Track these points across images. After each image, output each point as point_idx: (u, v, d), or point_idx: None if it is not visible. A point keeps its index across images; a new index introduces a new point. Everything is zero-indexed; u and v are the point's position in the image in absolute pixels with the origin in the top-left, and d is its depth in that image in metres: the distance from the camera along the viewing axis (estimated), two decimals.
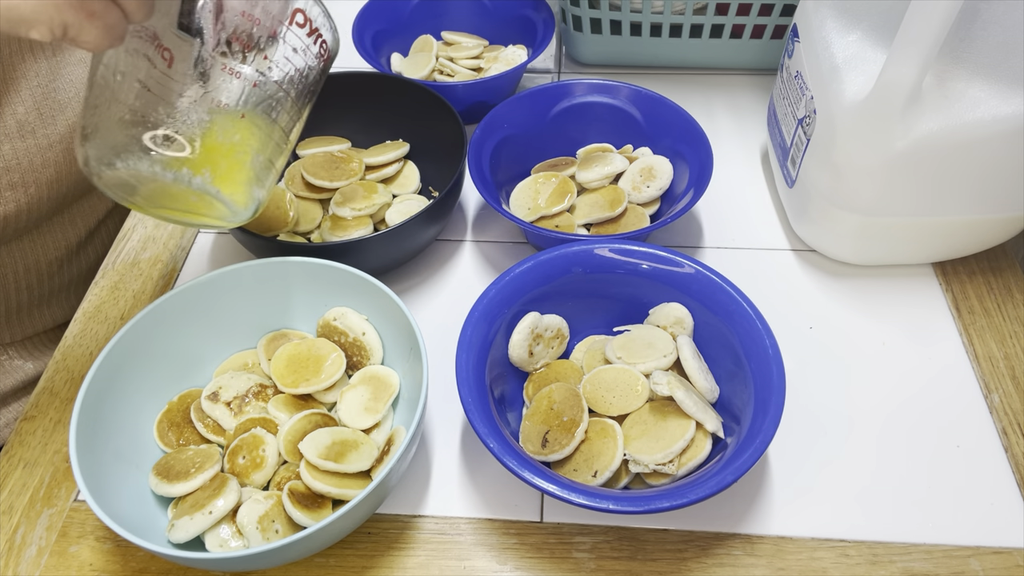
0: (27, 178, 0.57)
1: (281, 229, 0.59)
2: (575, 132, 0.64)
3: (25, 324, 0.66)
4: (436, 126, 0.61)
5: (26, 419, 0.52)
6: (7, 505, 0.48)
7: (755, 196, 0.64)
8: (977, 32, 0.46)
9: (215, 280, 0.49)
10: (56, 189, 0.60)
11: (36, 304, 0.65)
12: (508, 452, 0.41)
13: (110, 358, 0.45)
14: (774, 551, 0.45)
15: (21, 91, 0.56)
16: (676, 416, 0.44)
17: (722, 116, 0.71)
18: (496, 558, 0.45)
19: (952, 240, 0.55)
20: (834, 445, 0.49)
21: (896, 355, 0.53)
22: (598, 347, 0.50)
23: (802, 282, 0.58)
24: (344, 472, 0.44)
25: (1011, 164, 0.48)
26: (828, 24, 0.53)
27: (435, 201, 0.54)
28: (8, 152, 0.55)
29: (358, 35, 0.69)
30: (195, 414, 0.48)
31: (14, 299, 0.63)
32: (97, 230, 0.68)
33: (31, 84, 0.56)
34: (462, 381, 0.44)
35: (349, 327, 0.51)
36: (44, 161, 0.58)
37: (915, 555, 0.44)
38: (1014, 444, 0.49)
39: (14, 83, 0.55)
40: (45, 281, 0.65)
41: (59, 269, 0.66)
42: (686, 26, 0.70)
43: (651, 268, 0.50)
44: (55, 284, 0.66)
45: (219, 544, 0.42)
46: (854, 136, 0.49)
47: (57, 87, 0.58)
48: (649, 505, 0.38)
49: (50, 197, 0.60)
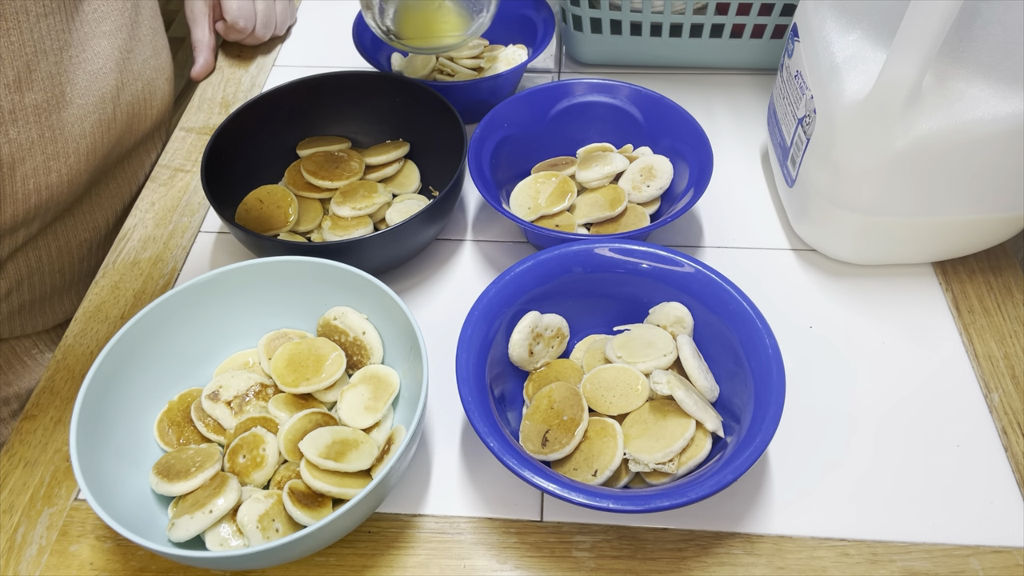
0: (68, 148, 0.59)
1: (281, 229, 0.59)
2: (575, 132, 0.64)
3: (56, 310, 0.68)
4: (436, 126, 0.61)
5: (26, 418, 0.52)
6: (7, 504, 0.48)
7: (755, 196, 0.64)
8: (977, 32, 0.46)
9: (215, 280, 0.50)
10: (91, 161, 0.62)
11: (66, 290, 0.68)
12: (508, 451, 0.41)
13: (110, 357, 0.45)
14: (774, 550, 0.45)
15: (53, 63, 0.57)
16: (676, 415, 0.45)
17: (722, 116, 0.71)
18: (496, 557, 0.45)
19: (952, 240, 0.55)
20: (834, 444, 0.49)
21: (896, 354, 0.53)
22: (598, 346, 0.50)
23: (802, 281, 0.58)
24: (344, 471, 0.44)
25: (1011, 164, 0.48)
26: (828, 24, 0.53)
27: (435, 201, 0.54)
28: (48, 124, 0.57)
29: (358, 35, 0.69)
30: (195, 413, 0.48)
31: (48, 283, 0.65)
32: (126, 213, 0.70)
33: (63, 56, 0.58)
34: (462, 380, 0.44)
35: (349, 326, 0.51)
36: (81, 131, 0.60)
37: (915, 554, 0.44)
38: (1014, 443, 0.49)
39: (45, 56, 0.56)
40: (76, 265, 0.67)
41: (88, 253, 0.68)
42: (686, 26, 0.70)
43: (651, 267, 0.50)
44: (84, 269, 0.68)
45: (219, 543, 0.42)
46: (854, 136, 0.49)
47: (86, 58, 0.60)
48: (649, 504, 0.38)
49: (87, 168, 0.62)
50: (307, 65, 0.79)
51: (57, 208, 0.61)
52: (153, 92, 0.69)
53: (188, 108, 0.75)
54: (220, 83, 0.78)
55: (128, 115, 0.65)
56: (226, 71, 0.79)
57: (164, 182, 0.68)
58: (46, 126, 0.57)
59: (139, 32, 0.66)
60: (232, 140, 0.60)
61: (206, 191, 0.55)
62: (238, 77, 0.78)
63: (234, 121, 0.60)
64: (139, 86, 0.66)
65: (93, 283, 0.60)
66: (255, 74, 0.78)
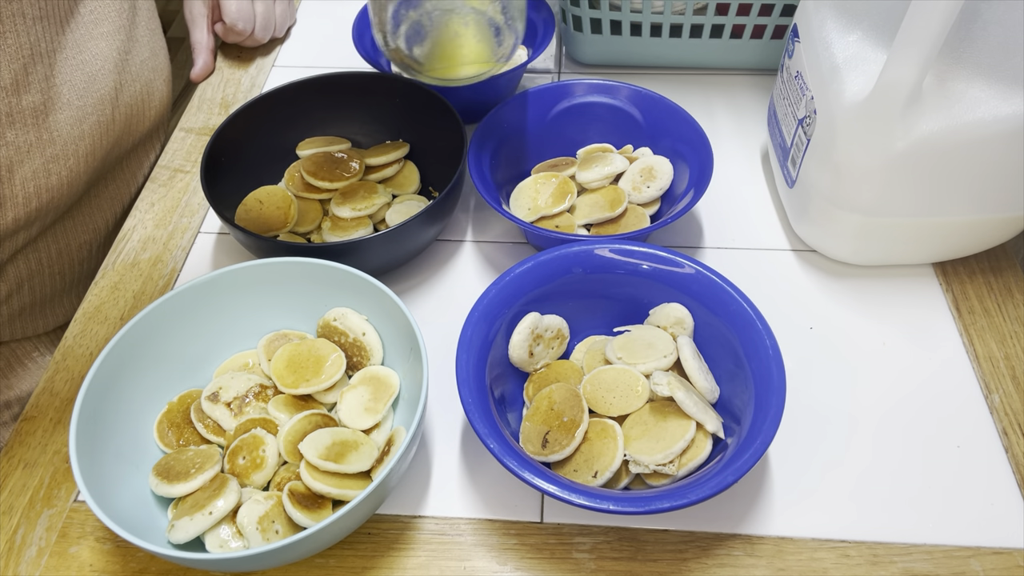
0: (67, 150, 0.59)
1: (281, 229, 0.59)
2: (575, 132, 0.64)
3: (57, 312, 0.68)
4: (436, 126, 0.61)
5: (26, 419, 0.52)
6: (7, 505, 0.48)
7: (755, 196, 0.64)
8: (977, 32, 0.46)
9: (215, 280, 0.49)
10: (90, 163, 0.62)
11: (66, 291, 0.68)
12: (508, 452, 0.41)
13: (110, 358, 0.45)
14: (774, 551, 0.45)
15: (50, 65, 0.57)
16: (676, 416, 0.44)
17: (722, 116, 0.71)
18: (496, 559, 0.45)
19: (952, 240, 0.55)
20: (835, 445, 0.49)
21: (896, 355, 0.53)
22: (598, 347, 0.50)
23: (802, 282, 0.58)
24: (344, 473, 0.44)
25: (1011, 164, 0.48)
26: (828, 24, 0.53)
27: (435, 201, 0.54)
28: (46, 126, 0.57)
29: (358, 35, 0.69)
30: (195, 414, 0.48)
31: (48, 286, 0.65)
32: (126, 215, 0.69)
33: (60, 59, 0.58)
34: (462, 381, 0.43)
35: (349, 327, 0.51)
36: (80, 133, 0.60)
37: (915, 555, 0.44)
38: (1014, 444, 0.49)
39: (42, 58, 0.56)
40: (76, 266, 0.67)
41: (89, 254, 0.68)
42: (686, 26, 0.70)
43: (651, 268, 0.50)
44: (84, 271, 0.68)
45: (219, 545, 0.42)
46: (854, 136, 0.49)
47: (84, 59, 0.60)
48: (649, 506, 0.38)
49: (87, 170, 0.62)
50: (307, 65, 0.79)
51: (57, 210, 0.61)
52: (151, 93, 0.69)
53: (188, 109, 0.75)
54: (220, 84, 0.78)
55: (127, 116, 0.65)
56: (226, 72, 0.79)
57: (164, 183, 0.68)
58: (44, 129, 0.57)
59: (136, 33, 0.66)
60: (232, 141, 0.60)
61: (206, 192, 0.55)
62: (238, 78, 0.78)
63: (234, 122, 0.60)
64: (137, 87, 0.66)
65: (92, 284, 0.60)
66: (255, 75, 0.78)
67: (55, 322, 0.68)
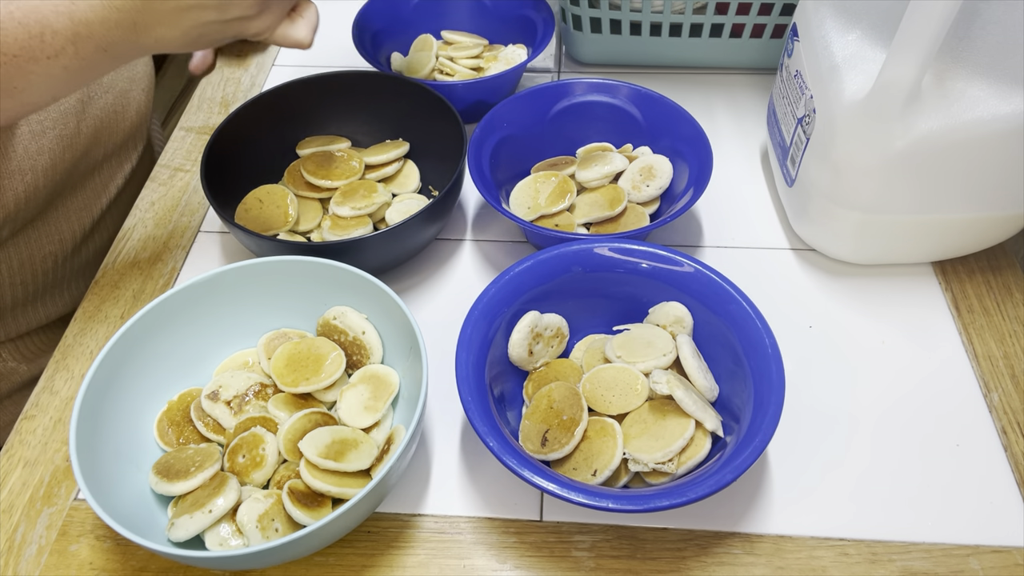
0: (24, 165, 0.57)
1: (281, 228, 0.59)
2: (575, 131, 0.64)
3: (20, 321, 0.66)
4: (436, 126, 0.61)
5: (26, 418, 0.52)
6: (7, 504, 0.48)
7: (755, 195, 0.64)
8: (977, 32, 0.46)
9: (215, 280, 0.50)
10: (51, 176, 0.60)
11: (31, 301, 0.66)
12: (508, 451, 0.41)
13: (110, 357, 0.45)
14: (773, 550, 0.45)
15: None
16: (675, 415, 0.45)
17: (722, 116, 0.71)
18: (496, 557, 0.45)
19: (951, 239, 0.55)
20: (834, 444, 0.49)
21: (896, 354, 0.53)
22: (598, 346, 0.50)
23: (802, 281, 0.58)
24: (344, 471, 0.44)
25: (1010, 163, 0.48)
26: (828, 23, 0.53)
27: (435, 200, 0.54)
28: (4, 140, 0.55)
29: (358, 35, 0.69)
30: (195, 413, 0.48)
31: (8, 296, 0.63)
32: (96, 227, 0.68)
33: None
34: (462, 380, 0.44)
35: (349, 326, 0.51)
36: (39, 148, 0.58)
37: (914, 554, 0.44)
38: (1013, 443, 0.49)
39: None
40: (39, 277, 0.65)
41: (54, 265, 0.66)
42: (686, 26, 0.70)
43: (651, 267, 0.50)
44: (49, 280, 0.66)
45: (219, 543, 0.42)
46: (854, 135, 0.49)
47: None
48: (648, 504, 0.38)
49: (46, 185, 0.60)
50: (307, 65, 0.79)
51: (13, 225, 0.60)
52: (126, 104, 0.67)
53: (188, 108, 0.75)
54: (220, 83, 0.78)
55: (95, 129, 0.63)
56: (226, 71, 0.79)
57: (164, 182, 0.68)
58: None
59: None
60: (232, 140, 0.60)
61: (206, 191, 0.55)
62: (238, 77, 0.78)
63: (234, 121, 0.60)
64: (109, 99, 0.65)
65: (93, 283, 0.60)
66: (255, 74, 0.79)
67: (17, 330, 0.66)
